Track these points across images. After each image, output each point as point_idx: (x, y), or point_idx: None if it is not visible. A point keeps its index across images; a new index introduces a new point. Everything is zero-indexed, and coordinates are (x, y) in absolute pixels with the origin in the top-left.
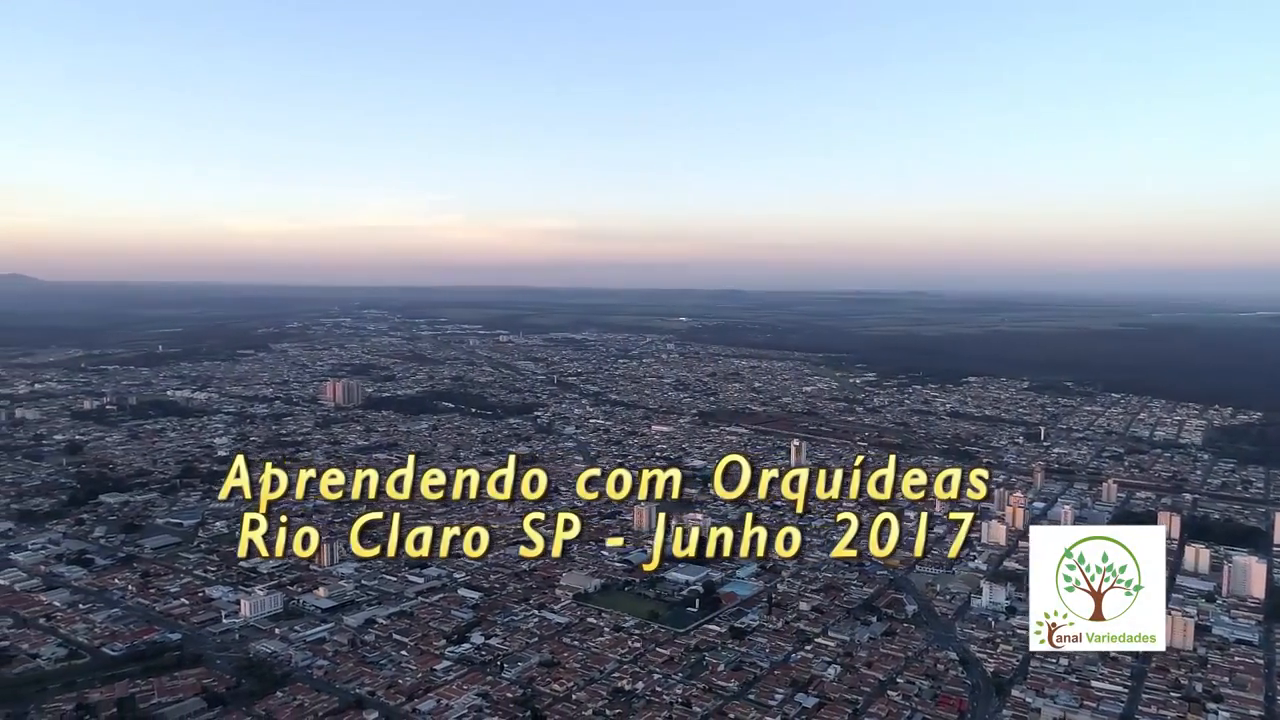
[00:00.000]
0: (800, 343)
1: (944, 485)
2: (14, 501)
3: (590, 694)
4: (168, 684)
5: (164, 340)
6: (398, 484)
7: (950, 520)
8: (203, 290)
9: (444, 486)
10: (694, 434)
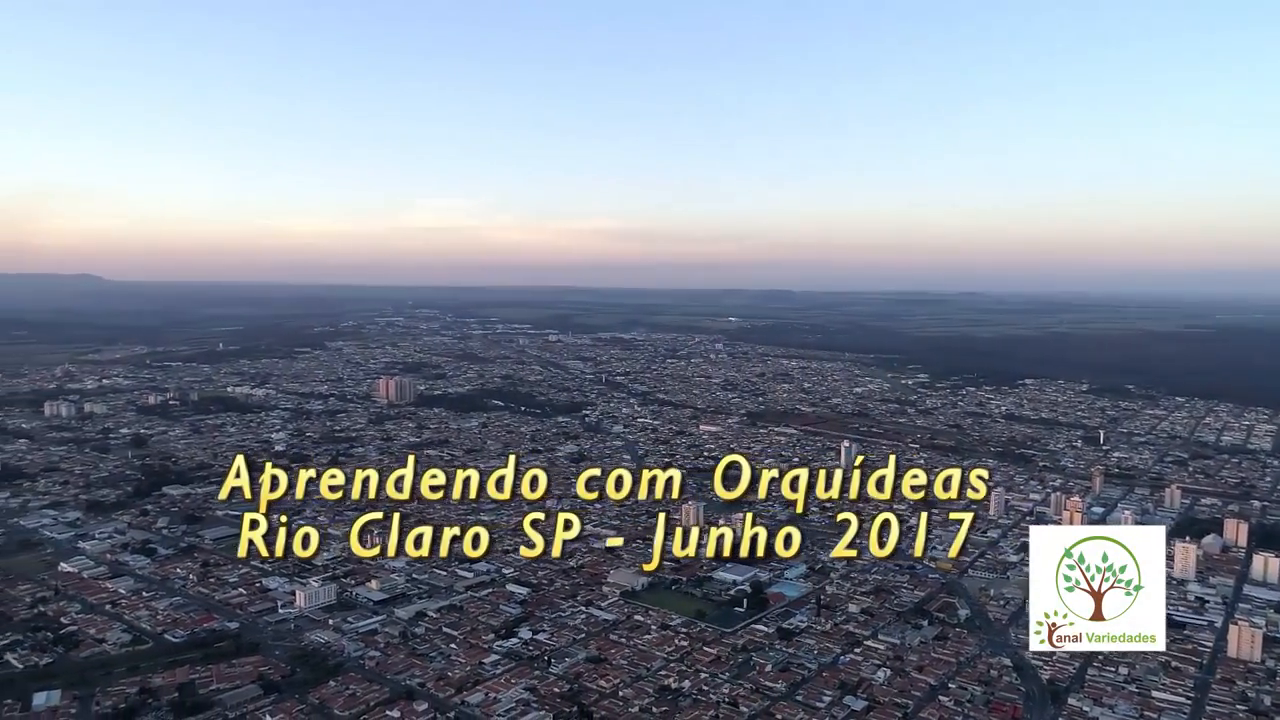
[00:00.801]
0: (851, 343)
1: (944, 485)
2: (82, 492)
3: (637, 691)
4: (226, 671)
5: (224, 338)
6: (398, 484)
7: (1000, 525)
8: (261, 290)
9: (444, 486)
10: (742, 434)
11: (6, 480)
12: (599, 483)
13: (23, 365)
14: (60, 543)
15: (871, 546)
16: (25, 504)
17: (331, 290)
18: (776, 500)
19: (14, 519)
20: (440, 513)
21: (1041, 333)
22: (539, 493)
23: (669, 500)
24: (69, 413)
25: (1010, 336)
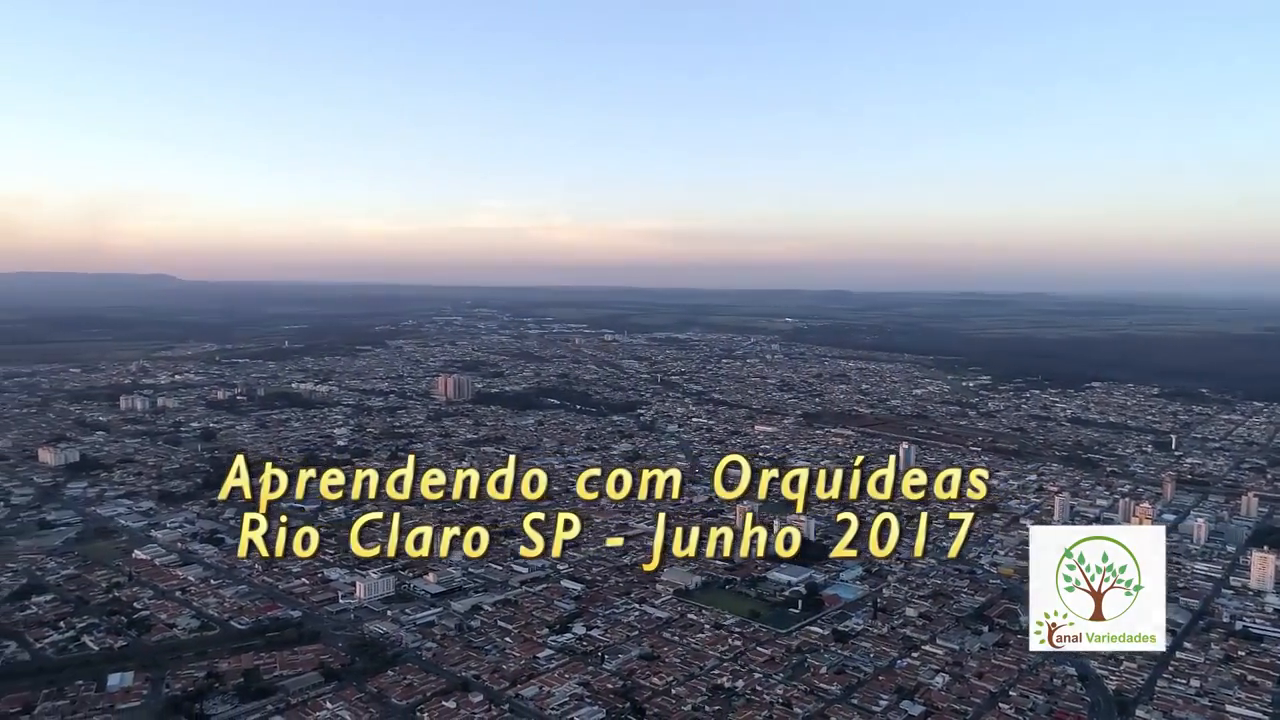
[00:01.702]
0: (910, 344)
1: (944, 485)
2: (155, 483)
3: (690, 689)
4: (288, 658)
5: (290, 336)
6: (398, 484)
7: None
8: (325, 289)
9: (443, 486)
10: (798, 435)
11: (85, 470)
12: (599, 482)
13: (100, 361)
14: (134, 531)
15: (872, 546)
16: (102, 493)
17: (392, 289)
18: (830, 501)
19: (92, 507)
20: (495, 510)
21: (1109, 334)
22: (539, 493)
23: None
24: (143, 407)
25: (1076, 338)
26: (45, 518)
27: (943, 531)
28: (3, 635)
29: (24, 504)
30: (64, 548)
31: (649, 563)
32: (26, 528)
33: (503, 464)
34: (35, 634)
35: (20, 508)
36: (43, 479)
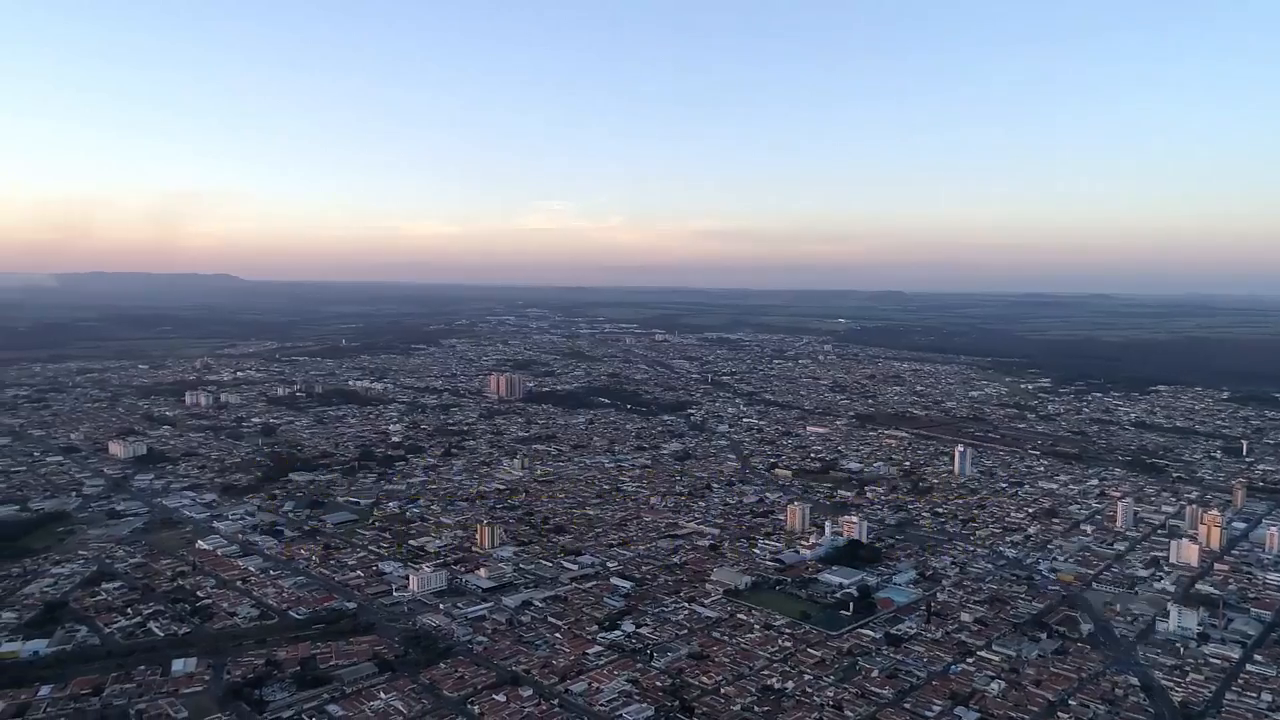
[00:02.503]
0: (967, 346)
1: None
2: (218, 476)
3: (739, 689)
4: (344, 648)
5: (347, 335)
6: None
7: (1128, 537)
8: (381, 289)
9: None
10: (851, 436)
11: (152, 463)
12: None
13: (167, 358)
14: (198, 522)
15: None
16: (168, 485)
17: (447, 290)
18: (886, 503)
19: (158, 499)
20: (546, 507)
21: (1176, 337)
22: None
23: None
24: (207, 402)
25: (1141, 341)
26: (115, 508)
27: (1000, 536)
28: (75, 620)
29: (95, 494)
30: (132, 537)
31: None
32: (97, 517)
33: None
34: (104, 619)
35: (91, 498)
36: (112, 471)
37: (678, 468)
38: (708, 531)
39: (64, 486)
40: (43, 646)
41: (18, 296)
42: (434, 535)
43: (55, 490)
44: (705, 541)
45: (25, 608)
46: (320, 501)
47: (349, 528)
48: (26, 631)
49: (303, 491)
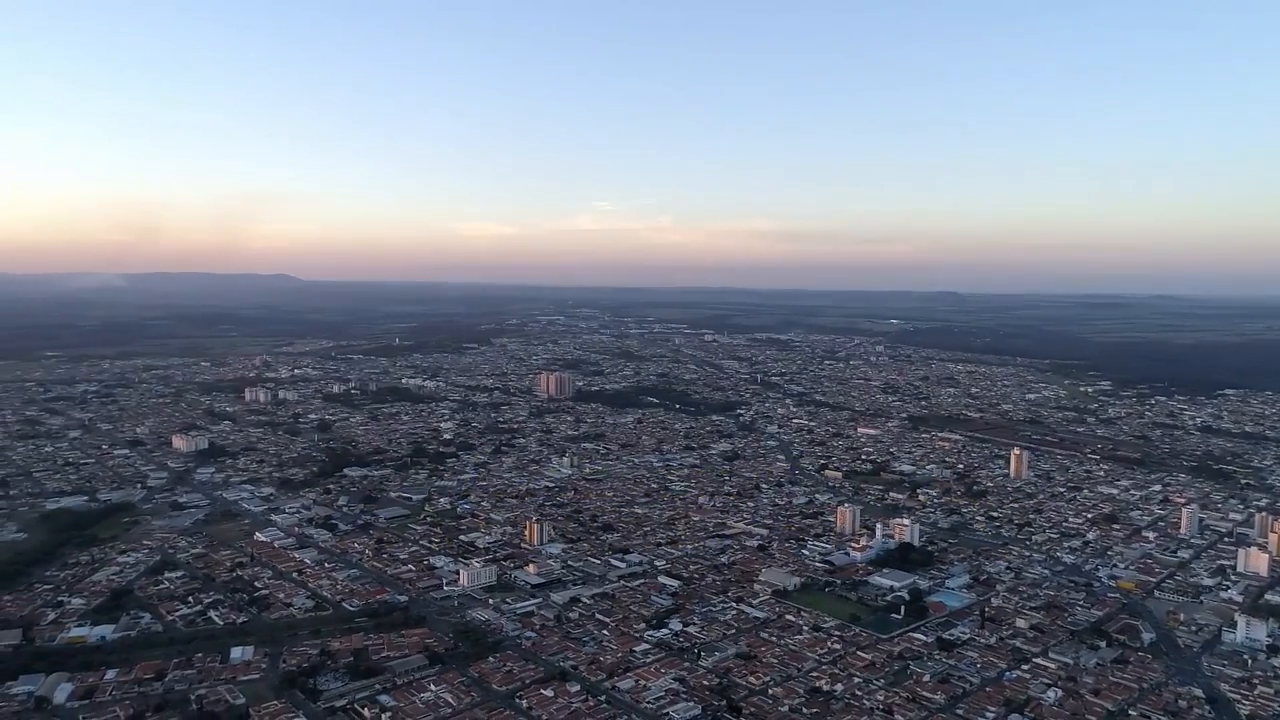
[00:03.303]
0: (1024, 348)
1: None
2: (275, 470)
3: (787, 690)
4: (396, 640)
5: (400, 334)
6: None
7: (1193, 545)
8: (434, 289)
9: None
10: (903, 438)
11: (213, 457)
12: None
13: (227, 356)
14: (256, 515)
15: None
16: (228, 479)
17: (498, 290)
18: (938, 506)
19: (218, 491)
20: (594, 505)
21: (1245, 339)
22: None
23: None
24: (265, 399)
25: (1208, 343)
26: (177, 500)
27: (1057, 541)
28: (139, 607)
29: (159, 486)
30: (193, 528)
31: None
32: (161, 509)
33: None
34: (167, 607)
35: (156, 490)
36: (175, 464)
37: (726, 468)
38: (756, 532)
39: (130, 479)
40: (109, 632)
41: (89, 296)
42: (484, 531)
43: (122, 482)
44: (753, 542)
45: (93, 594)
46: (373, 497)
47: (401, 522)
48: (94, 617)
49: (356, 487)
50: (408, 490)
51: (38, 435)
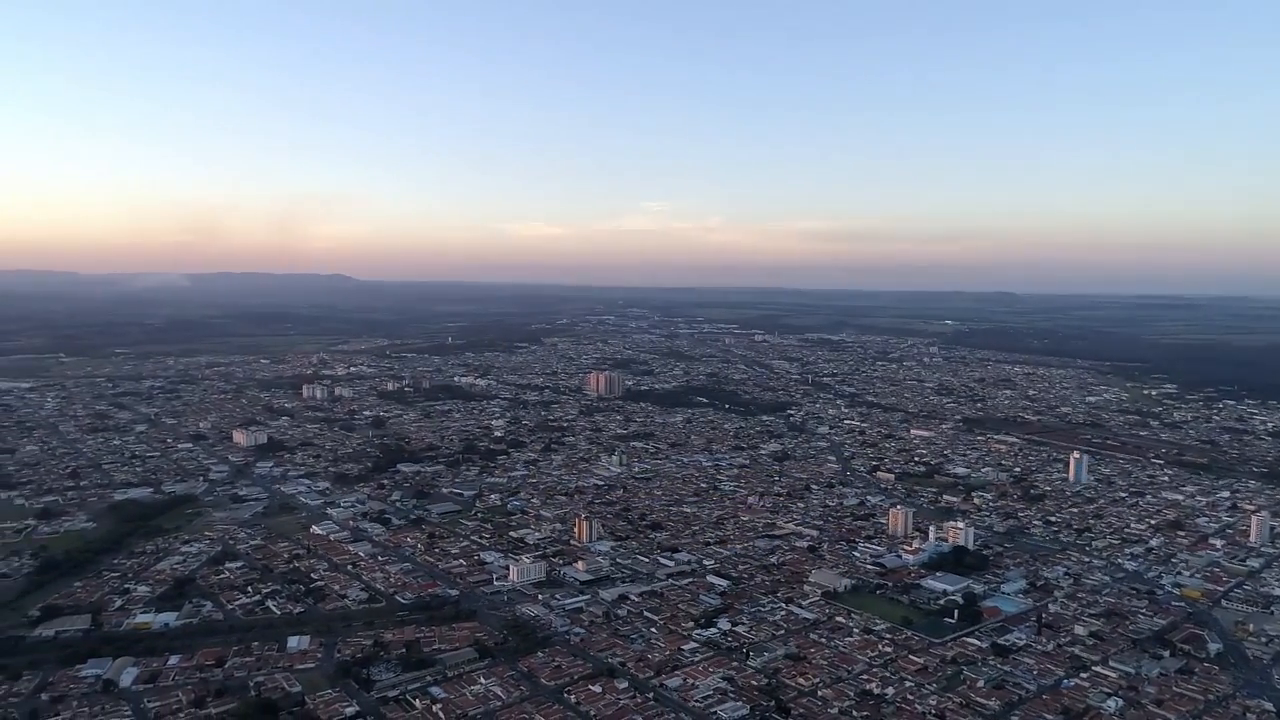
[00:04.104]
0: (1083, 349)
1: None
2: (331, 465)
3: (837, 692)
4: (446, 633)
5: (453, 333)
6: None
7: (1263, 553)
8: (486, 289)
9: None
10: (957, 440)
11: (272, 451)
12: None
13: (286, 353)
14: (312, 508)
15: None
16: (285, 473)
17: (549, 290)
18: (994, 510)
19: (276, 485)
20: (643, 504)
21: None
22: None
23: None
24: (322, 395)
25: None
26: (238, 493)
27: (1118, 547)
28: (201, 595)
29: (220, 480)
30: (252, 520)
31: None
32: (222, 501)
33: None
34: (227, 596)
35: (217, 483)
36: (236, 458)
37: (776, 468)
38: (806, 533)
39: (193, 471)
40: (172, 619)
41: (155, 295)
42: (533, 528)
43: (185, 475)
44: (803, 543)
45: (157, 582)
46: (426, 492)
47: (452, 518)
48: (159, 604)
49: (410, 482)
50: (459, 486)
51: (107, 429)
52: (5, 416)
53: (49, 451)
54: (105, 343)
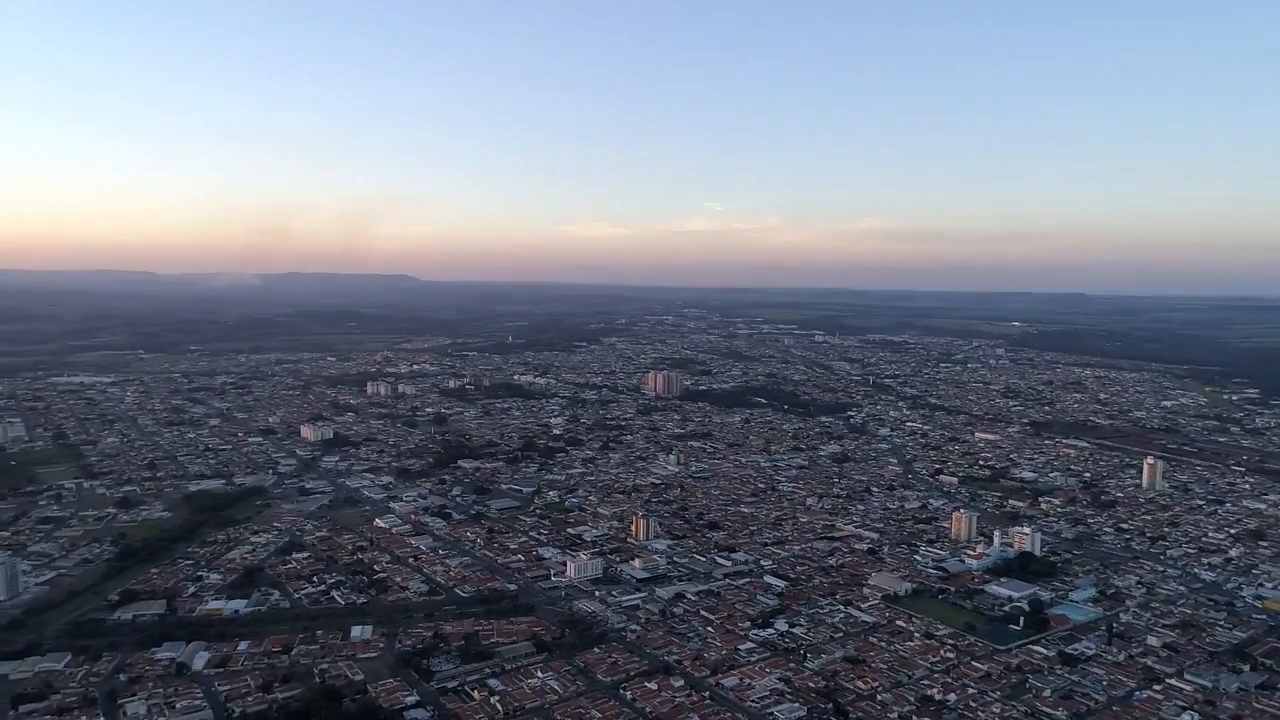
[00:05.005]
0: (1159, 353)
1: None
2: (394, 460)
3: (896, 697)
4: (505, 627)
5: (513, 332)
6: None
7: None
8: (546, 289)
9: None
10: (1024, 444)
11: (337, 446)
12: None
13: (351, 351)
14: (376, 502)
15: None
16: (350, 467)
17: (608, 290)
18: (1062, 516)
19: (341, 479)
20: (700, 503)
21: None
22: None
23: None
24: (385, 392)
25: None
26: (304, 485)
27: (1195, 557)
28: (269, 584)
29: (289, 473)
30: (318, 513)
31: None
32: (289, 493)
33: (708, 458)
34: (294, 585)
35: (286, 475)
36: (303, 452)
37: (835, 470)
38: (866, 535)
39: (262, 465)
40: (242, 606)
41: (228, 294)
42: (591, 525)
43: (255, 468)
44: (863, 545)
45: (228, 571)
46: (485, 488)
47: (511, 514)
48: (229, 592)
49: (470, 478)
50: (518, 483)
51: (182, 423)
52: (89, 410)
53: (128, 443)
54: (181, 340)
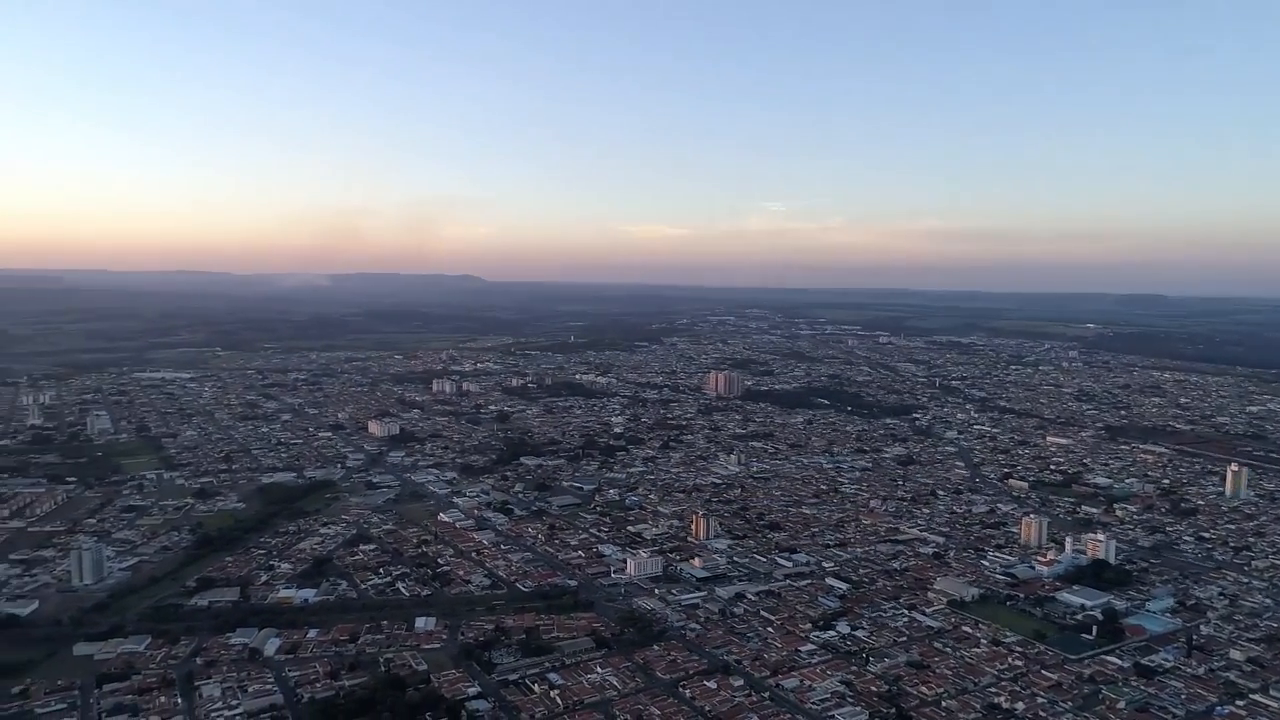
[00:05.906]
0: (1243, 356)
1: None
2: (458, 456)
3: (962, 704)
4: (565, 622)
5: (575, 332)
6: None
7: None
8: (607, 289)
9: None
10: (1098, 449)
11: (403, 442)
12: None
13: (417, 350)
14: (440, 497)
15: None
16: (415, 462)
17: (669, 291)
18: (1139, 523)
19: (407, 474)
20: (761, 504)
21: None
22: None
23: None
24: (450, 390)
25: None
26: (372, 480)
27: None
28: (337, 574)
29: (356, 467)
30: (385, 506)
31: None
32: (357, 487)
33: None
34: (361, 577)
35: (354, 470)
36: (371, 447)
37: (900, 472)
38: (931, 539)
39: (332, 459)
40: (311, 595)
41: (299, 294)
42: (651, 523)
43: (324, 461)
44: (928, 549)
45: (299, 561)
46: (547, 485)
47: (572, 511)
48: (299, 581)
49: (531, 475)
50: (579, 480)
51: (256, 417)
52: (169, 404)
53: (205, 436)
54: (255, 338)
